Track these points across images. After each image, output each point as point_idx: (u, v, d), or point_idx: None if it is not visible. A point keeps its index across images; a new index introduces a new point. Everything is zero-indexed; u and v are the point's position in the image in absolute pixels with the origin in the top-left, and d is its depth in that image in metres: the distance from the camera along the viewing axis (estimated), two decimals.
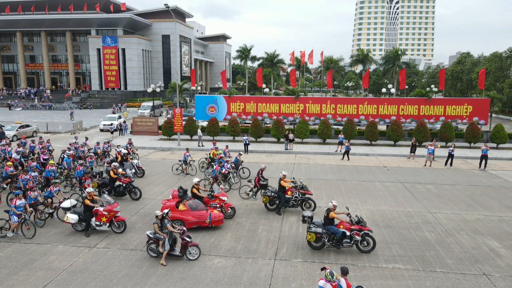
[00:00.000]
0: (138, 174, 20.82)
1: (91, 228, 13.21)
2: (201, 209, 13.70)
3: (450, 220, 14.70)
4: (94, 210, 13.05)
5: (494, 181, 20.76)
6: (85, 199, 13.13)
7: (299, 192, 15.37)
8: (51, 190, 14.82)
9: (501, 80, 59.33)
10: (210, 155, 21.84)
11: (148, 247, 11.49)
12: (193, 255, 11.35)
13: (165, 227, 11.25)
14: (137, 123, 36.45)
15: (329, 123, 31.90)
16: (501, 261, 11.38)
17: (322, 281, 8.06)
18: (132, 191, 17.13)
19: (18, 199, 12.85)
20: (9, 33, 77.88)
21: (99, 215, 13.02)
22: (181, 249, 11.28)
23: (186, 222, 13.28)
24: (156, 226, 11.26)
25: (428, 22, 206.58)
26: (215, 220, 13.46)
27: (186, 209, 13.54)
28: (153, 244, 11.43)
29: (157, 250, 11.35)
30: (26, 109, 61.31)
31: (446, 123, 30.52)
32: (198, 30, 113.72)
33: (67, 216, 12.98)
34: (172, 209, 13.37)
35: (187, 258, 11.28)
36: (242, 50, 71.92)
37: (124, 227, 13.29)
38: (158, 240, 11.29)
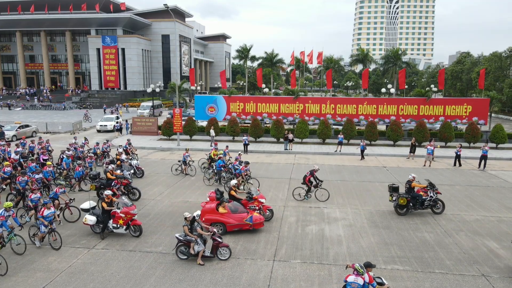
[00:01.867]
0: (137, 175, 20.80)
1: (108, 231, 13.02)
2: (241, 211, 13.46)
3: (449, 220, 14.70)
4: (112, 212, 12.90)
5: (493, 182, 20.76)
6: (102, 201, 12.98)
7: (434, 192, 15.33)
8: (56, 191, 14.63)
9: (500, 80, 59.34)
10: (211, 155, 21.83)
11: (178, 249, 11.40)
12: (223, 255, 11.35)
13: (195, 230, 11.25)
14: (137, 123, 36.44)
15: (328, 123, 31.90)
16: (500, 262, 11.38)
17: (352, 276, 8.22)
18: (131, 192, 17.13)
19: (47, 209, 12.22)
20: (8, 33, 77.86)
21: (116, 217, 12.84)
22: (212, 250, 11.28)
23: (227, 225, 13.08)
24: (186, 228, 11.20)
25: (428, 22, 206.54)
26: (256, 222, 13.24)
27: (227, 211, 13.28)
28: (183, 246, 11.35)
29: (187, 252, 11.27)
30: (26, 109, 61.28)
31: (446, 123, 30.52)
32: (198, 29, 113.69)
33: (85, 217, 12.86)
34: (212, 212, 13.24)
35: (218, 258, 11.31)
36: (242, 49, 71.93)
37: (139, 232, 13.05)
38: (189, 242, 11.22)
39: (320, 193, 17.16)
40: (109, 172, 17.04)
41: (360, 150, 26.21)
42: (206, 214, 13.25)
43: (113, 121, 39.35)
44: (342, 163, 25.25)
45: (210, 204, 13.81)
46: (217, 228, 12.96)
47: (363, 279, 8.13)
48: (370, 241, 12.79)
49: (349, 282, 8.23)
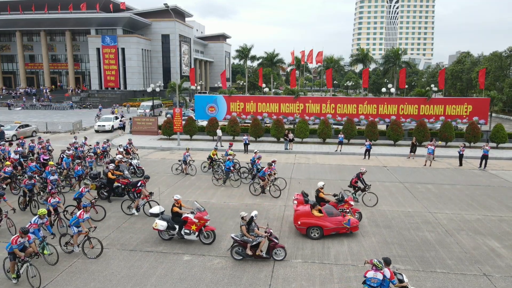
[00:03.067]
0: (137, 174, 20.76)
1: (179, 237, 12.51)
2: (336, 214, 13.10)
3: (450, 220, 14.68)
4: (183, 218, 12.44)
5: (494, 181, 20.74)
6: (173, 206, 12.63)
7: None
8: (82, 191, 14.33)
9: (501, 79, 59.33)
10: (210, 155, 21.78)
11: (233, 250, 11.31)
12: (279, 256, 11.27)
13: (253, 230, 11.20)
14: (137, 123, 36.41)
15: (329, 122, 31.88)
16: (501, 261, 11.36)
17: (371, 272, 8.24)
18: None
19: (85, 212, 11.75)
20: (8, 33, 77.82)
21: (189, 222, 12.35)
22: (269, 251, 11.18)
23: (325, 229, 12.72)
24: (244, 228, 11.12)
25: (428, 22, 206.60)
26: (353, 226, 12.89)
27: (323, 215, 12.92)
28: (238, 247, 11.25)
29: (243, 253, 11.18)
30: (26, 108, 61.24)
31: (446, 122, 30.50)
32: (198, 29, 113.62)
33: (156, 222, 12.36)
34: (308, 216, 12.94)
35: (273, 259, 11.24)
36: (242, 49, 71.90)
37: (213, 238, 12.49)
38: (245, 242, 11.11)
39: (368, 198, 16.33)
40: (110, 172, 17.01)
41: (366, 149, 26.21)
42: (301, 218, 12.95)
43: (111, 121, 39.11)
44: (343, 163, 25.23)
45: (303, 207, 13.36)
46: (315, 232, 12.72)
47: (382, 274, 8.15)
48: (371, 241, 12.77)
49: (368, 278, 8.26)
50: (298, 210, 13.38)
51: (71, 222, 11.78)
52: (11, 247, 9.86)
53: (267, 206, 16.25)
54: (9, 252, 9.91)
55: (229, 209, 15.71)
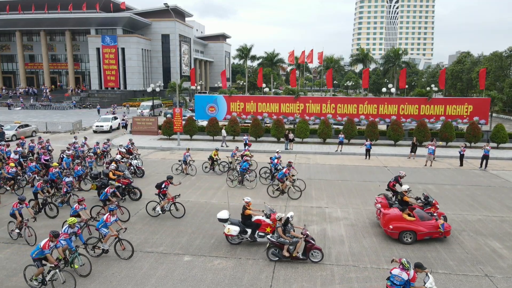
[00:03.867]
0: (138, 175, 20.72)
1: (251, 240, 12.30)
2: (427, 218, 12.75)
3: (451, 220, 14.61)
4: (256, 220, 12.20)
5: (494, 181, 20.70)
6: (245, 209, 12.32)
7: None
8: (107, 192, 14.22)
9: (501, 79, 59.32)
10: (211, 155, 21.67)
11: (269, 251, 11.25)
12: (316, 257, 11.19)
13: (289, 232, 11.16)
14: (137, 123, 36.36)
15: (329, 122, 31.84)
16: (503, 262, 11.32)
17: (397, 270, 8.31)
18: (132, 191, 17.06)
19: (112, 216, 11.55)
20: (8, 33, 77.76)
21: (263, 225, 12.12)
22: (305, 252, 11.11)
23: (418, 233, 12.45)
24: (280, 229, 11.10)
25: (427, 22, 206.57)
26: (447, 230, 12.60)
27: (416, 219, 12.65)
28: (274, 248, 11.18)
29: (280, 254, 11.11)
30: (26, 108, 61.20)
31: (447, 122, 30.47)
32: (198, 29, 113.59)
33: (228, 228, 12.06)
34: (400, 220, 12.69)
35: (310, 260, 11.15)
36: (242, 49, 71.88)
37: None
38: (282, 244, 11.06)
39: None
40: (111, 172, 16.94)
41: (366, 149, 26.18)
42: (393, 222, 12.69)
43: (109, 121, 38.72)
44: (343, 163, 25.18)
45: (394, 211, 13.10)
46: (408, 237, 12.49)
47: (408, 275, 8.16)
48: (372, 241, 12.73)
49: (393, 274, 8.33)
50: (388, 213, 13.06)
51: (98, 226, 11.58)
52: (41, 251, 9.50)
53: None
54: (36, 258, 9.57)
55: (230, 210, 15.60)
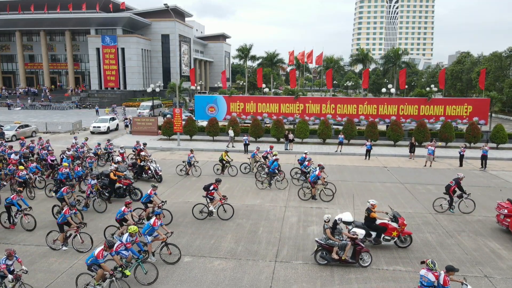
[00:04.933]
0: (156, 180, 19.76)
1: (374, 243, 12.12)
2: None
3: (451, 221, 14.66)
4: (382, 224, 12.00)
5: (494, 182, 20.73)
6: (370, 212, 12.02)
7: None
8: (150, 193, 13.91)
9: (501, 79, 59.32)
10: (222, 157, 21.36)
11: (317, 254, 11.13)
12: (365, 261, 11.06)
13: (339, 233, 11.08)
14: (137, 123, 36.37)
15: (329, 123, 31.87)
16: (503, 263, 11.34)
17: (423, 270, 8.40)
18: (133, 192, 17.06)
19: (158, 220, 11.30)
20: (8, 33, 77.71)
21: (390, 229, 11.92)
22: (354, 255, 10.96)
23: None
24: (329, 231, 10.95)
25: (427, 22, 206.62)
26: None
27: None
28: (322, 251, 11.03)
29: (329, 257, 10.96)
30: (25, 108, 61.20)
31: (446, 123, 30.49)
32: (198, 29, 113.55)
33: (354, 231, 11.60)
34: None
35: (359, 265, 11.00)
36: (242, 49, 71.83)
37: (410, 242, 12.21)
38: (331, 246, 10.93)
39: (465, 204, 15.55)
40: (112, 172, 16.93)
41: (366, 150, 26.21)
42: None
43: (107, 122, 38.26)
44: (343, 163, 25.20)
45: None
46: None
47: (435, 276, 8.19)
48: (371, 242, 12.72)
49: (421, 275, 8.44)
50: None
51: (144, 231, 11.25)
52: (95, 260, 9.40)
53: (268, 206, 16.24)
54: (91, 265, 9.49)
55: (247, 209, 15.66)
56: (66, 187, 14.61)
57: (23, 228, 13.64)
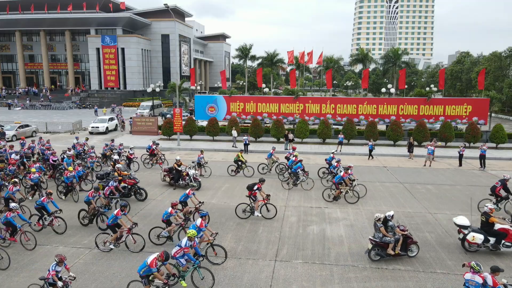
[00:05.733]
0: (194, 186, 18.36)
1: (492, 249, 11.84)
2: None
3: (450, 220, 14.64)
4: (501, 229, 11.73)
5: (493, 182, 20.58)
6: (490, 216, 11.74)
7: None
8: (188, 193, 13.71)
9: (500, 79, 59.37)
10: (236, 158, 21.16)
11: (371, 252, 11.31)
12: (413, 252, 11.51)
13: (391, 229, 11.29)
14: (137, 123, 36.41)
15: (328, 123, 31.91)
16: (501, 262, 11.38)
17: (469, 274, 8.32)
18: (138, 192, 16.97)
19: (204, 221, 10.99)
20: (8, 33, 77.74)
21: (510, 235, 11.58)
22: (405, 248, 11.40)
23: None
24: (383, 229, 11.24)
25: (427, 21, 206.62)
26: None
27: None
28: (376, 248, 11.28)
29: (384, 253, 11.23)
30: (26, 108, 61.24)
31: (446, 123, 30.55)
32: (198, 29, 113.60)
33: (473, 235, 11.66)
34: None
35: (407, 255, 11.44)
36: (242, 49, 71.80)
37: None
38: (386, 243, 11.18)
39: (511, 205, 15.45)
40: (116, 172, 16.82)
41: (369, 150, 26.28)
42: None
43: (105, 122, 37.93)
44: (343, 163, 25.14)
45: None
46: None
47: (481, 278, 8.16)
48: None
49: (466, 279, 8.35)
50: None
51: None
52: (148, 269, 8.91)
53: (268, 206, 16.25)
54: (143, 275, 9.06)
55: (230, 210, 15.71)
56: (92, 191, 14.21)
57: (54, 231, 13.37)
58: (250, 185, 14.98)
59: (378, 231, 11.34)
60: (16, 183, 14.78)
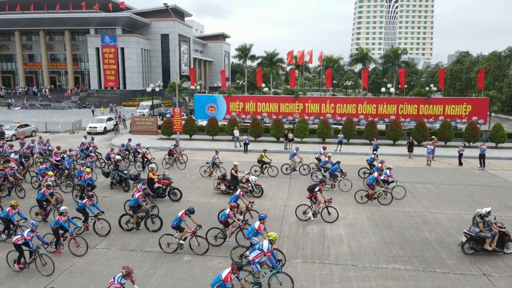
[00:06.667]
0: (255, 194, 17.35)
1: None
2: None
3: (450, 220, 14.71)
4: None
5: (493, 181, 20.79)
6: None
7: None
8: (239, 195, 13.40)
9: (500, 79, 59.38)
10: (260, 158, 20.79)
11: (465, 245, 11.67)
12: (510, 248, 11.64)
13: (489, 226, 11.46)
14: (137, 123, 36.40)
15: (328, 122, 31.91)
16: (501, 261, 11.40)
17: None
18: (173, 192, 16.75)
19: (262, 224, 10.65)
20: (7, 32, 77.70)
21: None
22: (502, 244, 11.57)
23: None
24: (481, 225, 11.52)
25: (427, 21, 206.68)
26: None
27: None
28: (471, 242, 11.59)
29: (479, 247, 11.53)
30: (25, 108, 61.21)
31: (446, 122, 30.56)
32: (197, 29, 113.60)
33: None
34: None
35: (503, 252, 11.62)
36: (242, 49, 71.85)
37: None
38: (483, 238, 11.45)
39: None
40: (150, 172, 16.52)
41: (373, 149, 26.25)
42: None
43: (104, 122, 37.82)
44: (342, 163, 25.10)
45: None
46: None
47: None
48: (371, 241, 12.80)
49: None
50: None
51: (248, 235, 10.95)
52: (223, 284, 8.19)
53: (268, 206, 16.28)
54: None
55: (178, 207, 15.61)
56: (140, 194, 13.65)
57: (96, 233, 13.11)
58: (311, 186, 14.67)
59: (476, 226, 11.67)
60: (50, 186, 14.47)
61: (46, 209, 14.39)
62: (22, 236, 10.56)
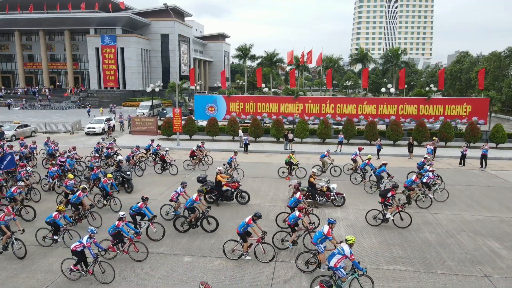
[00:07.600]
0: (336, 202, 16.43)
1: None
2: None
3: (451, 221, 14.69)
4: None
5: (494, 181, 20.77)
6: None
7: None
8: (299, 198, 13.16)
9: (500, 79, 59.38)
10: (288, 159, 20.54)
11: None
12: None
13: None
14: (136, 123, 36.36)
15: (328, 122, 31.88)
16: (502, 262, 11.38)
17: None
18: (241, 195, 16.53)
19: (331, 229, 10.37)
20: (7, 32, 77.62)
21: None
22: None
23: None
24: None
25: (427, 21, 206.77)
26: None
27: None
28: None
29: None
30: (25, 108, 61.16)
31: (446, 122, 30.54)
32: (197, 29, 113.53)
33: None
34: None
35: None
36: (242, 49, 71.78)
37: None
38: None
39: None
40: (218, 175, 16.26)
41: (377, 149, 26.27)
42: None
43: (102, 123, 37.45)
44: (342, 163, 25.13)
45: None
46: None
47: None
48: (372, 242, 12.77)
49: None
50: None
51: (316, 240, 10.63)
52: None
53: (268, 206, 16.26)
54: None
55: (229, 210, 15.68)
56: (197, 195, 13.44)
57: (149, 238, 12.90)
58: (383, 192, 14.38)
59: None
60: (85, 189, 14.27)
61: (80, 213, 14.07)
62: (80, 243, 10.25)
